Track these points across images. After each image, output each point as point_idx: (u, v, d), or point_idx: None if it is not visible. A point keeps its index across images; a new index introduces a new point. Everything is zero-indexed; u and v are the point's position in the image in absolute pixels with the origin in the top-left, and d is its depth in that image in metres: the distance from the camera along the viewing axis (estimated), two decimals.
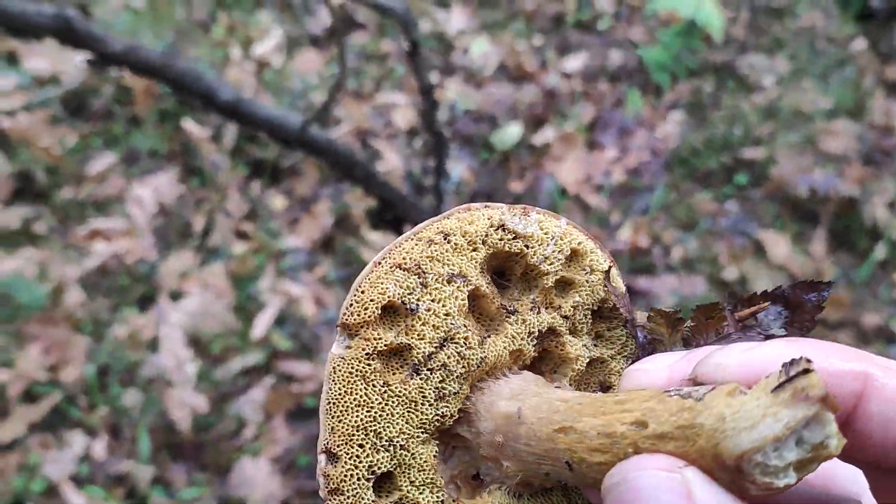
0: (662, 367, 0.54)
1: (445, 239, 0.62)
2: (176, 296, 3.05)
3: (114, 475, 2.59)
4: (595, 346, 0.68)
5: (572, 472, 0.51)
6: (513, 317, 0.64)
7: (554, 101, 4.20)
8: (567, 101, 4.21)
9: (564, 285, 0.66)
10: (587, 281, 0.66)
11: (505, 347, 0.63)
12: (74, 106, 3.66)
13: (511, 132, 3.96)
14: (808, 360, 0.42)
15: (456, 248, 0.62)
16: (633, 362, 0.62)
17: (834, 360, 0.47)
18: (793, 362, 0.43)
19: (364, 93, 4.14)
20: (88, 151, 3.52)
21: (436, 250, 0.61)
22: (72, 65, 3.68)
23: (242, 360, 2.88)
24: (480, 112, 4.09)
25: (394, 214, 3.33)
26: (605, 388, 0.68)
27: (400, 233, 3.37)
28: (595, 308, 0.67)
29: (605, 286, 0.66)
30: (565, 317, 0.66)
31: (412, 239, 0.61)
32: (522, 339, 0.64)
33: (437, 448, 0.61)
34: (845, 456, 0.49)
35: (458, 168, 3.73)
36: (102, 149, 3.54)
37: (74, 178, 3.39)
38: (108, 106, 3.68)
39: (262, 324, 3.00)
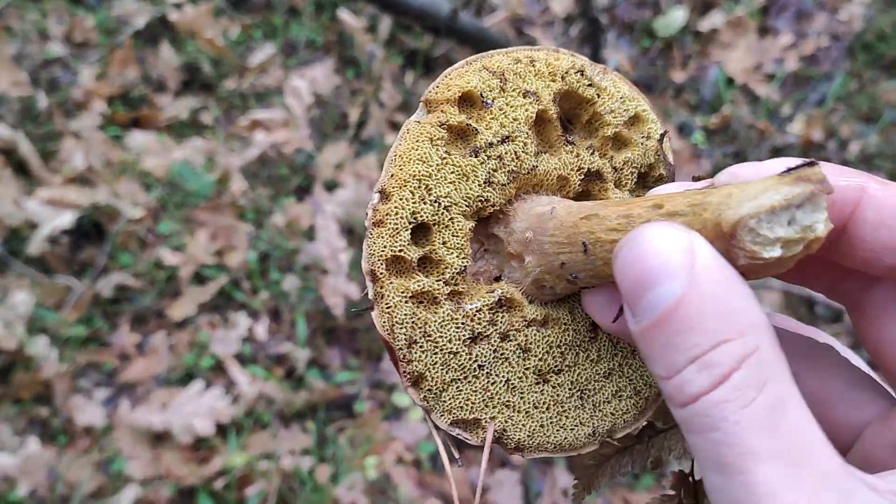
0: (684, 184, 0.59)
1: (531, 63, 0.69)
2: (331, 186, 3.12)
3: (274, 356, 2.73)
4: None
5: (586, 253, 0.58)
6: (570, 146, 0.71)
7: None
8: None
9: (621, 142, 0.73)
10: (642, 144, 0.72)
11: (555, 168, 0.70)
12: None
13: (675, 17, 3.69)
14: (814, 161, 0.47)
15: (538, 73, 0.69)
16: None
17: (837, 175, 0.51)
18: (800, 164, 0.47)
19: None
20: (249, 43, 3.59)
21: (520, 68, 0.68)
22: None
23: None
24: None
25: None
26: None
27: None
28: (642, 171, 0.73)
29: (658, 152, 0.72)
30: (615, 168, 0.72)
31: (503, 54, 0.69)
32: (572, 169, 0.71)
33: (472, 227, 0.69)
34: (841, 259, 0.54)
35: (616, 57, 3.53)
36: (262, 40, 3.60)
37: (237, 69, 3.48)
38: None
39: None
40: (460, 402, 0.68)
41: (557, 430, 0.70)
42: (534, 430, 0.70)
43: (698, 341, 0.45)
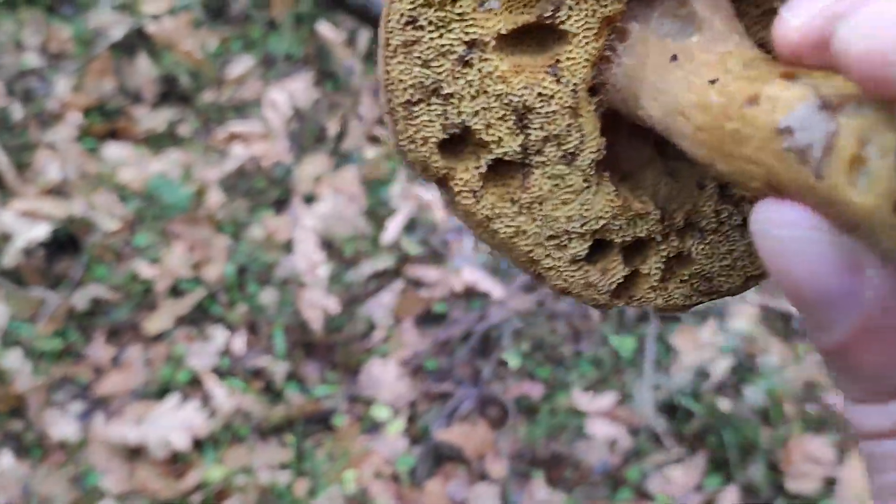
0: (797, 27, 0.29)
1: None
2: (310, 199, 3.12)
3: (252, 369, 2.72)
4: None
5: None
6: None
7: None
8: None
9: None
10: None
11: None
12: (215, 9, 3.72)
13: None
14: None
15: None
16: None
17: None
18: None
19: None
20: (228, 55, 3.59)
21: None
22: None
23: (373, 264, 2.93)
24: None
25: None
26: None
27: None
28: None
29: None
30: None
31: None
32: None
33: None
34: None
35: None
36: (241, 53, 3.60)
37: (215, 81, 3.47)
38: (246, 9, 3.72)
39: (392, 229, 3.03)
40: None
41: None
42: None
43: (880, 387, 0.32)
